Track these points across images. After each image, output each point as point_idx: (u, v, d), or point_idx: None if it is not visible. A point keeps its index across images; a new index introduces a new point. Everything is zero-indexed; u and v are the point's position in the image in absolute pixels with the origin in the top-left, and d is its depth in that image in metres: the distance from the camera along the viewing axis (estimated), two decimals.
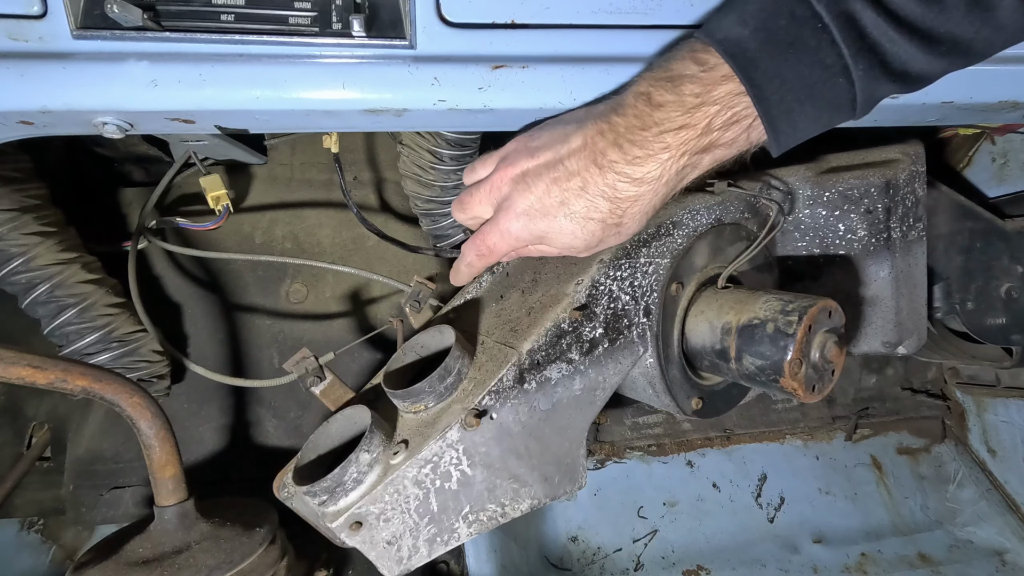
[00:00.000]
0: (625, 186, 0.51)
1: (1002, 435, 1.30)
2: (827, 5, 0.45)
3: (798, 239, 0.87)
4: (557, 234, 0.55)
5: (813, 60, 0.46)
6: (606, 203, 0.52)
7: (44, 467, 1.02)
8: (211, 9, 0.52)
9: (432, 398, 0.62)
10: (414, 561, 0.61)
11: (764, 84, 0.47)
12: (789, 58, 0.46)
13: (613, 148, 0.50)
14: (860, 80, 0.47)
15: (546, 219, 0.54)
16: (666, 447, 1.29)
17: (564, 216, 0.53)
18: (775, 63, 0.46)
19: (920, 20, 0.45)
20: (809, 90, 0.47)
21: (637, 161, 0.49)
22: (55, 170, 0.91)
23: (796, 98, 0.47)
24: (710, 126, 0.48)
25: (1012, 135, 1.10)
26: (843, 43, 0.46)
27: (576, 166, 0.52)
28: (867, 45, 0.46)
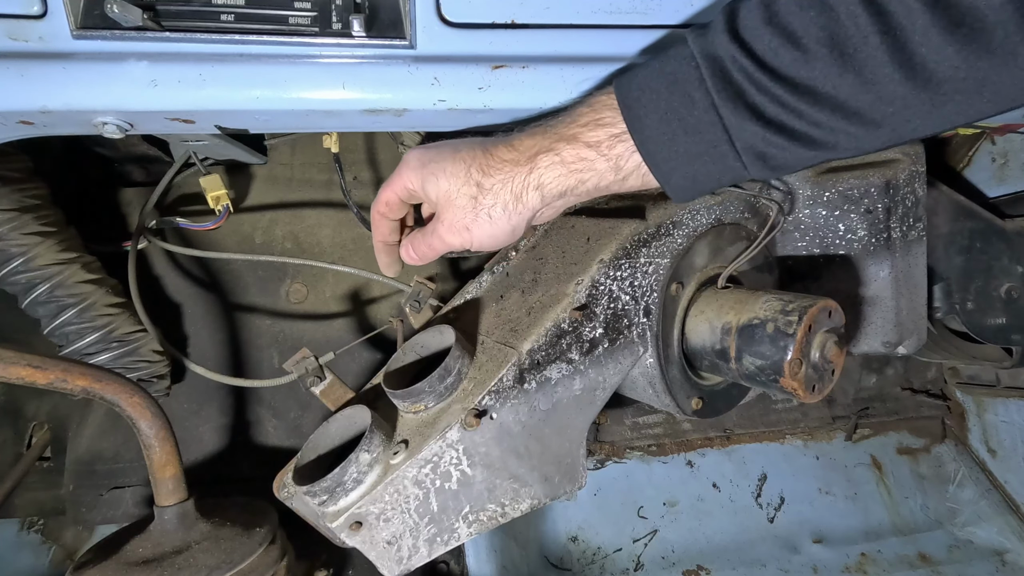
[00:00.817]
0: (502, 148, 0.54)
1: (1002, 435, 1.30)
2: (700, 46, 0.48)
3: (798, 239, 0.87)
4: (437, 168, 0.55)
5: (680, 91, 0.48)
6: (482, 154, 0.55)
7: (44, 467, 1.02)
8: (211, 9, 0.52)
9: (432, 398, 0.62)
10: (414, 561, 0.61)
11: (632, 100, 0.50)
12: (660, 88, 0.49)
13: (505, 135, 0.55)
14: (729, 120, 0.47)
15: (436, 150, 0.56)
16: (666, 447, 1.29)
17: (451, 151, 0.55)
18: (648, 91, 0.49)
19: (785, 67, 0.44)
20: (679, 120, 0.49)
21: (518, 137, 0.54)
22: (55, 170, 0.91)
23: (667, 124, 0.49)
24: (576, 120, 0.52)
25: (1012, 135, 1.10)
26: (710, 81, 0.47)
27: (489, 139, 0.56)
28: (732, 86, 0.46)
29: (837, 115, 0.45)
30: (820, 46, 0.43)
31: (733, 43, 0.46)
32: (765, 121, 0.46)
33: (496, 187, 0.53)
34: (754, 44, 0.45)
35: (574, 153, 0.51)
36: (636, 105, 0.49)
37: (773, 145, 0.47)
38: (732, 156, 0.48)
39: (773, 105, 0.45)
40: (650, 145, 0.50)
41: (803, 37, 0.44)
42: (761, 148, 0.47)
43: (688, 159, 0.50)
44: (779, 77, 0.45)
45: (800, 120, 0.46)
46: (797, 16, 0.44)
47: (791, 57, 0.44)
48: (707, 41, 0.47)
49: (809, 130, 0.46)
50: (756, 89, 0.45)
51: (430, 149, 0.56)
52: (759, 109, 0.46)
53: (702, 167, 0.50)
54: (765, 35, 0.45)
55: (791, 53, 0.44)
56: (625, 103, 0.50)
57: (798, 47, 0.44)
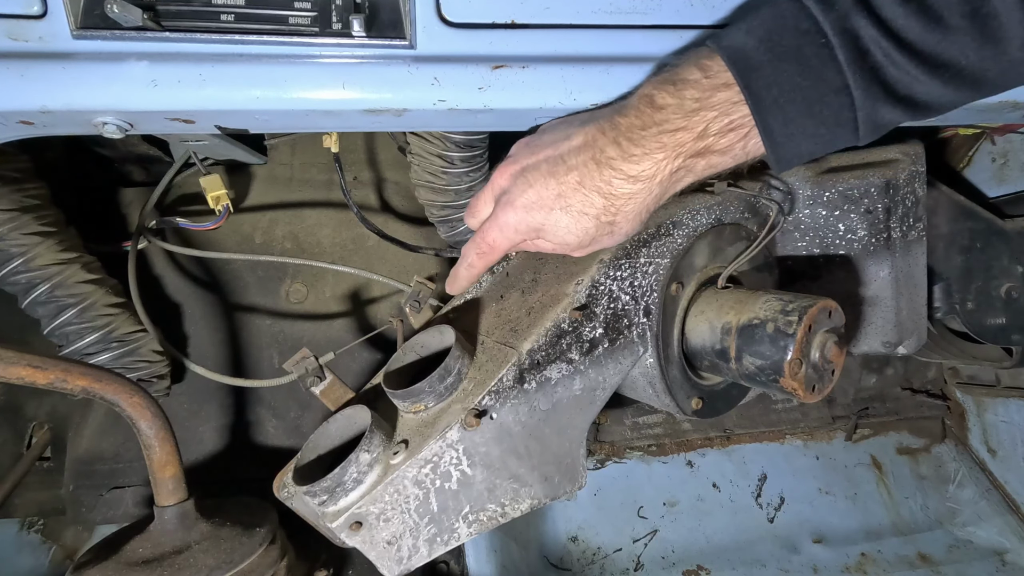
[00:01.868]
0: (620, 183, 0.51)
1: (1002, 435, 1.30)
2: (831, 21, 0.45)
3: (798, 239, 0.87)
4: (553, 227, 0.55)
5: (813, 75, 0.46)
6: (600, 199, 0.52)
7: (44, 467, 1.03)
8: (211, 9, 0.52)
9: (432, 398, 0.62)
10: (414, 561, 0.61)
11: (762, 93, 0.47)
12: (789, 70, 0.46)
13: (612, 145, 0.51)
14: (860, 99, 0.46)
15: (542, 211, 0.54)
16: (666, 447, 1.29)
17: (560, 209, 0.54)
18: (775, 74, 0.46)
19: (923, 43, 0.44)
20: (807, 104, 0.47)
21: (633, 159, 0.50)
22: (55, 170, 0.91)
23: (795, 110, 0.47)
24: (706, 131, 0.49)
25: (1012, 135, 1.10)
26: (844, 60, 0.45)
27: (575, 161, 0.53)
28: (868, 64, 0.45)
29: (966, 84, 0.45)
30: (963, 20, 0.43)
31: (868, 18, 0.44)
32: (896, 98, 0.46)
33: (630, 216, 0.54)
34: (892, 20, 0.44)
35: (706, 163, 0.51)
36: (768, 100, 0.47)
37: (892, 116, 0.47)
38: (851, 130, 0.48)
39: (906, 80, 0.45)
40: (776, 135, 0.48)
41: (944, 11, 0.43)
42: (881, 120, 0.47)
43: (807, 138, 0.49)
44: (916, 53, 0.44)
45: (926, 90, 0.46)
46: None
47: (932, 33, 0.44)
48: (838, 15, 0.45)
49: (930, 98, 0.46)
50: (893, 67, 0.45)
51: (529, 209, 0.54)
52: (891, 86, 0.46)
53: (817, 143, 0.49)
54: (903, 9, 0.44)
55: (932, 29, 0.44)
56: (756, 99, 0.47)
57: (940, 23, 0.43)
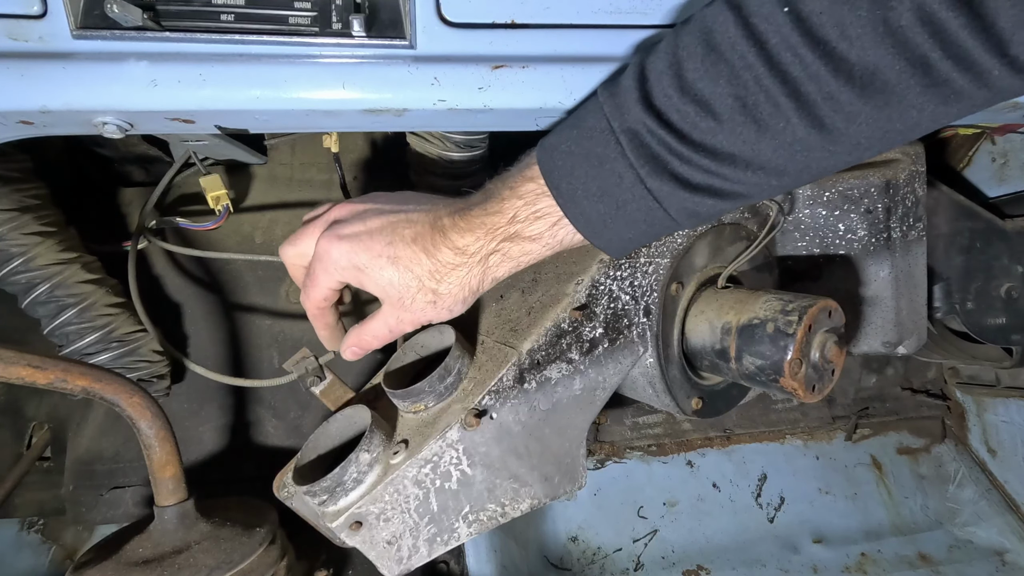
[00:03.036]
0: (448, 252, 0.54)
1: (1002, 435, 1.30)
2: (617, 120, 0.48)
3: (798, 239, 0.87)
4: (375, 272, 0.54)
5: (607, 170, 0.49)
6: (428, 261, 0.54)
7: (44, 467, 1.02)
8: (211, 9, 0.52)
9: (432, 398, 0.62)
10: (414, 561, 0.61)
11: (564, 186, 0.51)
12: (587, 167, 0.50)
13: (448, 216, 0.55)
14: (658, 192, 0.48)
15: (369, 253, 0.54)
16: (666, 447, 1.29)
17: (387, 258, 0.54)
18: (575, 170, 0.50)
19: (700, 135, 0.46)
20: (612, 197, 0.50)
21: (460, 230, 0.54)
22: (55, 170, 0.91)
23: (601, 203, 0.50)
24: (515, 217, 0.53)
25: (1012, 135, 1.10)
26: (632, 157, 0.48)
27: (416, 218, 0.55)
28: (655, 159, 0.47)
29: (760, 173, 0.47)
30: (735, 114, 0.45)
31: (649, 115, 0.47)
32: (692, 187, 0.48)
33: (453, 290, 0.55)
34: (670, 115, 0.46)
35: (519, 248, 0.54)
36: (569, 192, 0.51)
37: (703, 205, 0.49)
38: (666, 219, 0.51)
39: (698, 173, 0.47)
40: (589, 225, 0.52)
41: (717, 106, 0.45)
42: (692, 208, 0.49)
43: (625, 227, 0.52)
44: (699, 146, 0.46)
45: (726, 181, 0.48)
46: (708, 84, 0.45)
47: (708, 126, 0.45)
48: (623, 114, 0.48)
49: (735, 188, 0.48)
50: (679, 160, 0.47)
51: (355, 244, 0.54)
52: (685, 178, 0.48)
53: (638, 231, 0.52)
54: (679, 104, 0.46)
55: (707, 123, 0.45)
56: (558, 191, 0.51)
57: (714, 117, 0.45)
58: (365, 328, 0.59)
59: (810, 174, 0.49)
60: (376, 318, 0.58)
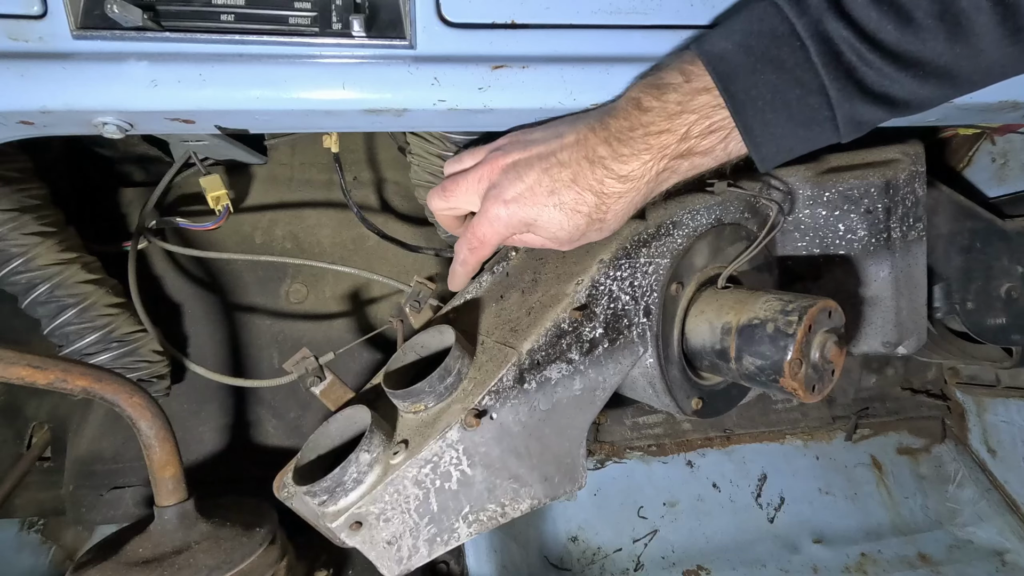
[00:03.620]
0: (612, 182, 0.53)
1: (1002, 435, 1.30)
2: (805, 24, 0.47)
3: (798, 239, 0.87)
4: (546, 222, 0.55)
5: (790, 77, 0.48)
6: (593, 197, 0.53)
7: (44, 467, 1.02)
8: (211, 9, 0.52)
9: (432, 398, 0.62)
10: (414, 561, 0.61)
11: (741, 96, 0.49)
12: (767, 73, 0.48)
13: (603, 145, 0.53)
14: (837, 99, 0.47)
15: (535, 207, 0.55)
16: (666, 447, 1.29)
17: (553, 205, 0.54)
18: (753, 77, 0.48)
19: (895, 43, 0.45)
20: (786, 106, 0.48)
21: (622, 158, 0.52)
22: (55, 170, 0.91)
23: (773, 112, 0.49)
24: (688, 133, 0.50)
25: (1012, 135, 1.10)
26: (819, 62, 0.47)
27: (568, 158, 0.54)
28: (843, 65, 0.47)
29: (941, 82, 0.47)
30: (932, 19, 0.44)
31: (840, 20, 0.46)
32: (872, 96, 0.47)
33: (620, 214, 0.55)
34: (864, 21, 0.45)
35: (689, 164, 0.53)
36: (747, 102, 0.49)
37: (872, 114, 0.48)
38: (831, 128, 0.49)
39: (881, 79, 0.46)
40: (757, 135, 0.50)
41: (915, 11, 0.44)
42: (861, 118, 0.49)
43: (787, 136, 0.50)
44: (890, 53, 0.45)
45: (902, 89, 0.47)
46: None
47: (903, 33, 0.45)
48: (811, 18, 0.47)
49: (908, 96, 0.47)
50: (867, 67, 0.46)
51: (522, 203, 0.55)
52: (867, 85, 0.47)
53: (798, 141, 0.51)
54: (874, 11, 0.45)
55: (904, 29, 0.45)
56: (735, 102, 0.49)
57: (911, 23, 0.44)
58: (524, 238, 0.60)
59: (982, 83, 0.48)
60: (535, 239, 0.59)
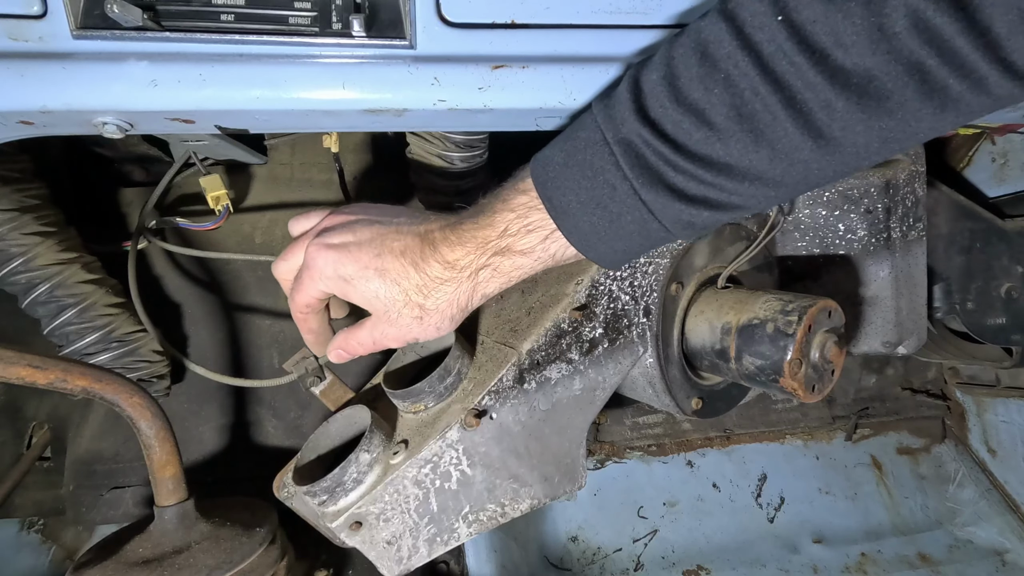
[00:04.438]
0: (436, 265, 0.53)
1: (1002, 435, 1.30)
2: (612, 131, 0.48)
3: (798, 239, 0.87)
4: (361, 284, 0.53)
5: (601, 181, 0.49)
6: (416, 274, 0.53)
7: (44, 467, 1.02)
8: (211, 9, 0.52)
9: (432, 398, 0.62)
10: (414, 561, 0.61)
11: (556, 198, 0.50)
12: (580, 178, 0.49)
13: (439, 231, 0.54)
14: (651, 202, 0.48)
15: (356, 264, 0.53)
16: (666, 447, 1.29)
17: (375, 269, 0.53)
18: (568, 182, 0.50)
19: (698, 146, 0.45)
20: (605, 209, 0.49)
21: (450, 243, 0.53)
22: (55, 170, 0.91)
23: (591, 214, 0.50)
24: (507, 230, 0.52)
25: (1012, 135, 1.10)
26: (625, 166, 0.47)
27: (405, 230, 0.55)
28: (649, 168, 0.47)
29: (756, 184, 0.47)
30: (731, 123, 0.44)
31: (644, 125, 0.46)
32: (687, 199, 0.47)
33: (441, 306, 0.54)
34: (664, 125, 0.46)
35: (510, 263, 0.53)
36: (562, 204, 0.50)
37: (698, 216, 0.49)
38: (660, 230, 0.50)
39: (693, 183, 0.47)
40: (582, 238, 0.51)
41: (713, 116, 0.44)
42: (687, 219, 0.49)
43: (619, 239, 0.51)
44: (694, 156, 0.46)
45: (722, 192, 0.47)
46: (703, 94, 0.44)
47: (704, 136, 0.45)
48: (617, 124, 0.48)
49: (731, 199, 0.48)
50: (673, 171, 0.46)
51: (343, 254, 0.54)
52: (680, 189, 0.47)
53: (632, 243, 0.52)
54: (675, 114, 0.45)
55: (703, 132, 0.45)
56: (550, 203, 0.50)
57: (710, 127, 0.45)
58: (352, 334, 0.58)
59: (807, 184, 0.48)
60: (363, 327, 0.58)
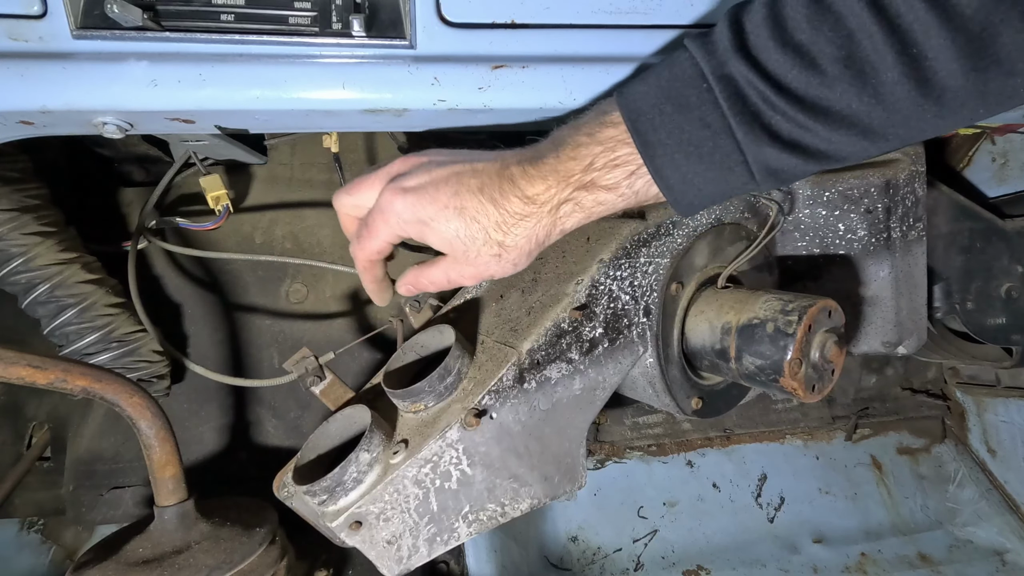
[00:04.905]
0: (516, 200, 0.52)
1: (1002, 435, 1.30)
2: (711, 67, 0.46)
3: (798, 239, 0.87)
4: (442, 225, 0.52)
5: (695, 117, 0.47)
6: (495, 211, 0.52)
7: (44, 467, 1.02)
8: (211, 9, 0.52)
9: (432, 398, 0.62)
10: (414, 561, 0.61)
11: (648, 133, 0.48)
12: (674, 113, 0.48)
13: (516, 165, 0.52)
14: (746, 143, 0.47)
15: (435, 205, 0.51)
16: (666, 447, 1.29)
17: (454, 208, 0.51)
18: (661, 116, 0.48)
19: (802, 89, 0.44)
20: (695, 147, 0.48)
21: (530, 178, 0.51)
22: (55, 170, 0.92)
23: (681, 152, 0.48)
24: (592, 164, 0.50)
25: (1012, 135, 1.10)
26: (725, 104, 0.46)
27: (481, 167, 0.53)
28: (749, 108, 0.46)
29: (852, 132, 0.45)
30: (838, 66, 0.43)
31: (745, 63, 0.45)
32: (781, 142, 0.46)
33: (520, 243, 0.53)
34: (768, 65, 0.45)
35: (593, 199, 0.51)
36: (653, 140, 0.48)
37: (786, 162, 0.47)
38: (745, 175, 0.49)
39: (789, 125, 0.45)
40: (669, 177, 0.50)
41: (819, 57, 0.43)
42: (775, 166, 0.48)
43: (703, 181, 0.50)
44: (796, 98, 0.44)
45: (815, 138, 0.46)
46: (810, 34, 0.43)
47: (809, 78, 0.44)
48: (718, 61, 0.46)
49: (821, 146, 0.46)
50: (773, 111, 0.45)
51: (421, 196, 0.52)
52: (775, 130, 0.46)
53: (715, 186, 0.50)
54: (778, 55, 0.44)
55: (809, 75, 0.44)
56: (642, 138, 0.49)
57: (815, 68, 0.43)
58: (425, 272, 0.57)
59: (901, 137, 0.46)
60: (438, 265, 0.56)
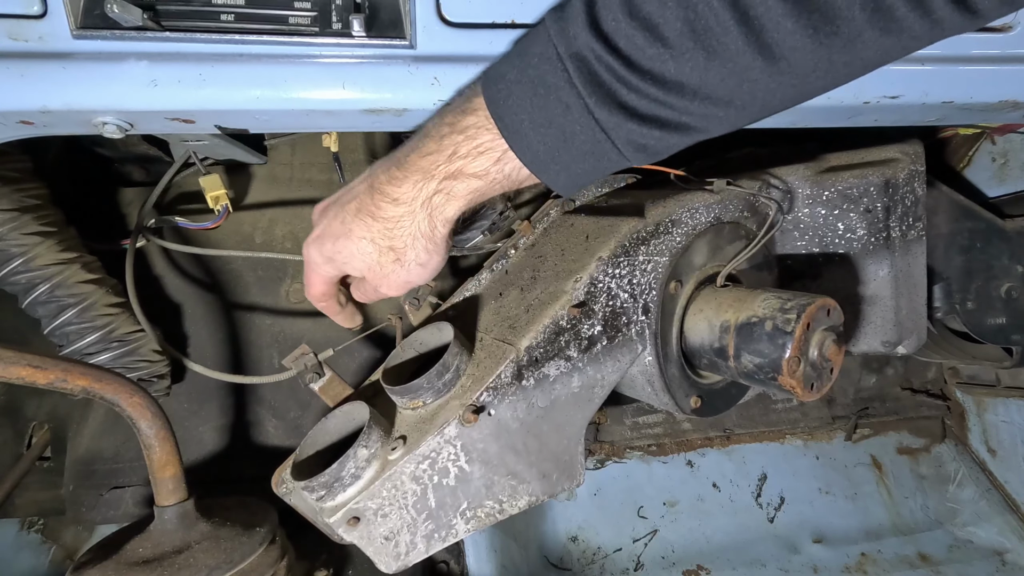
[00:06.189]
0: (387, 206, 0.53)
1: (1002, 435, 1.30)
2: (565, 45, 0.47)
3: (797, 238, 0.87)
4: (347, 255, 0.57)
5: (555, 100, 0.47)
6: (375, 223, 0.54)
7: (44, 467, 1.02)
8: (211, 9, 0.52)
9: (430, 394, 0.62)
10: (412, 557, 0.61)
11: (508, 117, 0.49)
12: (533, 96, 0.48)
13: (383, 172, 0.54)
14: (605, 121, 0.47)
15: (331, 240, 0.57)
16: (666, 447, 1.29)
17: (344, 236, 0.56)
18: (521, 101, 0.48)
19: (650, 63, 0.44)
20: (559, 129, 0.48)
21: (395, 181, 0.53)
22: (55, 170, 0.92)
23: (548, 136, 0.48)
24: (456, 153, 0.51)
25: (1012, 135, 1.10)
26: (578, 82, 0.46)
27: (357, 188, 0.57)
28: (602, 85, 0.46)
29: (707, 103, 0.46)
30: (684, 39, 0.44)
31: (596, 39, 0.45)
32: (640, 118, 0.47)
33: (409, 242, 0.55)
34: (617, 40, 0.45)
35: (464, 186, 0.52)
36: (514, 124, 0.49)
37: (650, 137, 0.48)
38: (614, 152, 0.49)
39: (645, 101, 0.46)
40: (535, 158, 0.50)
41: (666, 31, 0.44)
42: (640, 142, 0.48)
43: (573, 161, 0.50)
44: (647, 74, 0.45)
45: (673, 111, 0.47)
46: (657, 8, 0.44)
47: (656, 52, 0.44)
48: (570, 39, 0.46)
49: (683, 119, 0.47)
50: (626, 88, 0.46)
51: (322, 239, 0.58)
52: (632, 107, 0.46)
53: (587, 164, 0.51)
54: (627, 29, 0.45)
55: (656, 49, 0.44)
56: (503, 123, 0.49)
57: (663, 43, 0.44)
58: (362, 290, 0.64)
59: (756, 107, 0.48)
60: (366, 283, 0.61)
